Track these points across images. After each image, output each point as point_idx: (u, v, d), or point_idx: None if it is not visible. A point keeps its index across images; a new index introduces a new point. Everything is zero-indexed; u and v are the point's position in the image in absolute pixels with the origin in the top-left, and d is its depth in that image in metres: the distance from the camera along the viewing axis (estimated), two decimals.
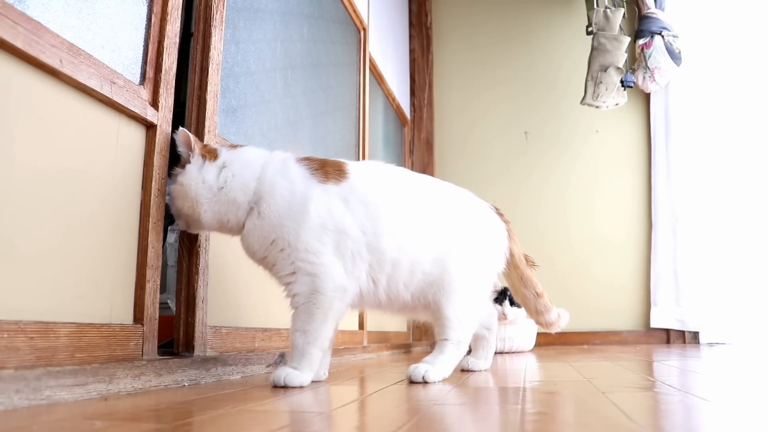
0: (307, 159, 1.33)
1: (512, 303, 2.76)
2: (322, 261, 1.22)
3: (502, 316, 2.74)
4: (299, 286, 1.22)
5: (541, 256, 3.45)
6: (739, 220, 3.38)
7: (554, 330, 1.64)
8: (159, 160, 1.25)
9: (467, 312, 1.37)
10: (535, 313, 1.60)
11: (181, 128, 1.25)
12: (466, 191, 1.52)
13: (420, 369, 1.27)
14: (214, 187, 1.25)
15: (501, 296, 2.77)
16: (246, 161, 1.28)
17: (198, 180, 1.24)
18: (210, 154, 1.27)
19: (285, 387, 1.16)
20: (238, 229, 1.29)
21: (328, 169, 1.30)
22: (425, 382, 1.25)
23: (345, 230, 1.25)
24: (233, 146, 1.33)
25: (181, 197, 1.25)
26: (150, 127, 1.24)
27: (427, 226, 1.36)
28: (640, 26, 3.40)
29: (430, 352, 1.37)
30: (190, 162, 1.25)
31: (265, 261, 1.27)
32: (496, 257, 1.49)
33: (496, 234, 1.50)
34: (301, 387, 1.17)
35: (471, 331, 1.43)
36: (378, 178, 1.36)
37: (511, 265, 1.54)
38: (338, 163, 1.34)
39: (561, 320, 1.64)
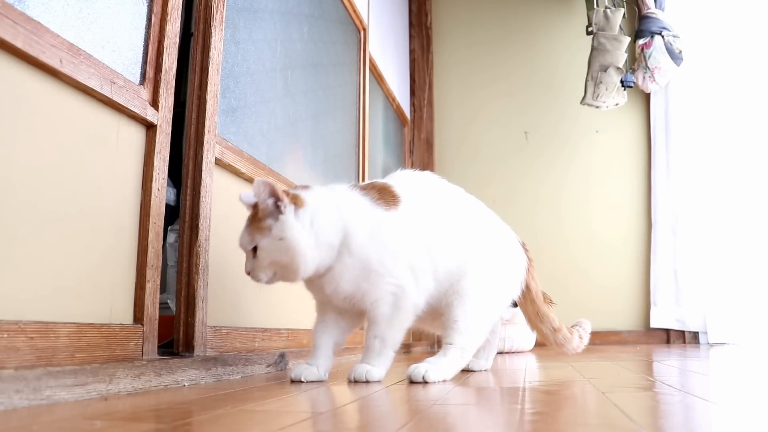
0: (362, 188, 1.36)
1: None
2: (402, 283, 1.29)
3: None
4: (384, 306, 1.29)
5: (541, 256, 3.45)
6: (739, 219, 3.38)
7: (579, 351, 1.64)
8: (159, 161, 1.25)
9: (476, 320, 1.38)
10: (556, 345, 1.61)
11: (260, 179, 1.18)
12: (494, 214, 1.56)
13: (420, 369, 1.27)
14: (312, 234, 1.22)
15: None
16: (327, 202, 1.28)
17: (299, 229, 1.20)
18: (297, 200, 1.23)
19: (367, 381, 1.27)
20: (322, 273, 1.28)
21: (386, 197, 1.34)
22: (425, 382, 1.25)
23: (412, 250, 1.32)
24: (302, 187, 1.32)
25: (283, 251, 1.19)
26: (150, 127, 1.24)
27: (457, 235, 1.41)
28: (640, 26, 3.40)
29: (431, 352, 1.37)
30: (282, 212, 1.19)
31: (350, 298, 1.30)
32: (514, 282, 1.51)
33: (516, 261, 1.53)
34: (379, 381, 1.29)
35: (477, 341, 1.42)
36: (423, 194, 1.41)
37: (528, 299, 1.55)
38: (386, 187, 1.37)
39: (583, 342, 1.65)
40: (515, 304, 2.77)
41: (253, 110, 1.71)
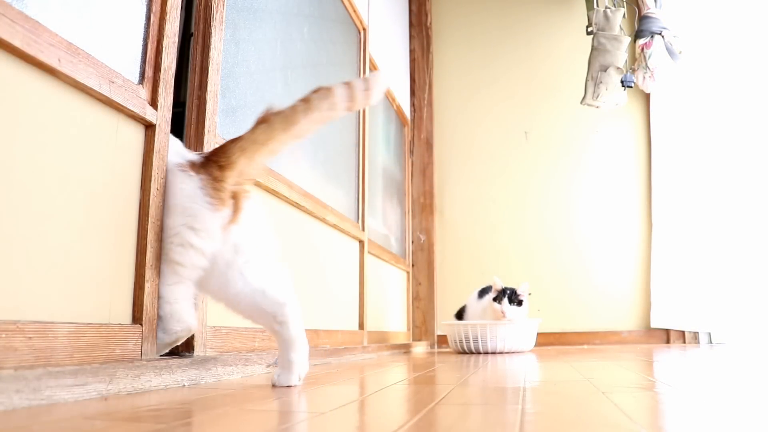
0: None
1: (511, 301, 2.76)
2: None
3: (501, 314, 2.74)
4: None
5: (541, 256, 3.46)
6: (739, 219, 3.38)
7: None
8: (158, 160, 1.25)
9: None
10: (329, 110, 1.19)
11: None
12: None
13: None
14: None
15: (500, 295, 2.77)
16: None
17: None
18: None
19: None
20: None
21: None
22: None
23: None
24: None
25: None
26: (149, 127, 1.24)
27: None
28: (640, 26, 3.40)
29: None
30: None
31: None
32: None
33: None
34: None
35: None
36: None
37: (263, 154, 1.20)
38: None
39: (371, 94, 1.21)
40: (520, 303, 2.77)
41: (253, 110, 1.71)
